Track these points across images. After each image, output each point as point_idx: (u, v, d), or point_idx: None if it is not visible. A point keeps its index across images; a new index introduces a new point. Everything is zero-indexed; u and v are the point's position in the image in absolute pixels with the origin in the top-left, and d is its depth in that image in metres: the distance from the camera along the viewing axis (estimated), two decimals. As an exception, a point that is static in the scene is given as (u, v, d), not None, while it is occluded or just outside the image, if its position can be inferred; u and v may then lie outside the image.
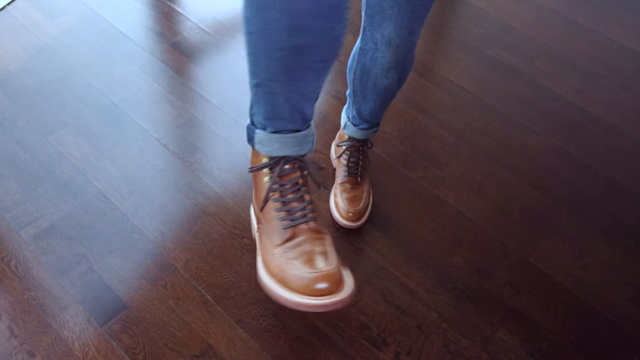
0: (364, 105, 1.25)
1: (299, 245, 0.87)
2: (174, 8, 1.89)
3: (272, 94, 0.84)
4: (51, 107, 1.57)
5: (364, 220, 1.35)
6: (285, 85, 0.82)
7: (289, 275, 0.83)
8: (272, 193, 0.91)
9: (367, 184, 1.39)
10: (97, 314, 1.20)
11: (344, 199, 1.34)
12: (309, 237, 0.87)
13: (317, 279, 0.81)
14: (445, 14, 1.97)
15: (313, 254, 0.85)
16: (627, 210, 1.45)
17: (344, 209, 1.33)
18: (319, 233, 0.90)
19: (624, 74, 1.79)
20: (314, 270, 0.82)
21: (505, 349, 1.20)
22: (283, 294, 0.84)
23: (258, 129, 0.91)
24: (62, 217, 1.35)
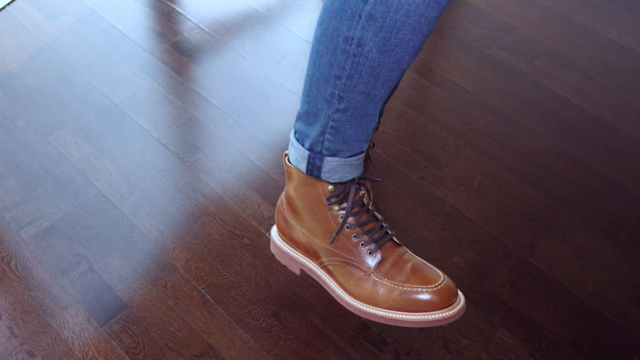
0: None
1: (397, 265, 0.82)
2: (174, 8, 1.89)
3: (362, 117, 0.76)
4: (51, 107, 1.57)
5: None
6: (379, 104, 0.76)
7: (411, 298, 0.79)
8: (349, 221, 0.84)
9: (368, 184, 1.39)
10: (97, 314, 1.20)
11: None
12: (396, 255, 0.83)
13: (440, 292, 0.79)
14: (445, 14, 1.97)
15: (419, 269, 0.81)
16: (627, 210, 1.45)
17: None
18: (400, 245, 0.85)
19: (624, 74, 1.79)
20: (431, 286, 0.80)
21: (505, 349, 1.20)
22: (411, 317, 0.80)
23: (328, 157, 0.81)
24: (62, 217, 1.35)
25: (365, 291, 0.83)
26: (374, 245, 0.83)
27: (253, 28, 1.85)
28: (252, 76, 1.70)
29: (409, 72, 1.75)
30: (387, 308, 0.81)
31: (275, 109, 1.61)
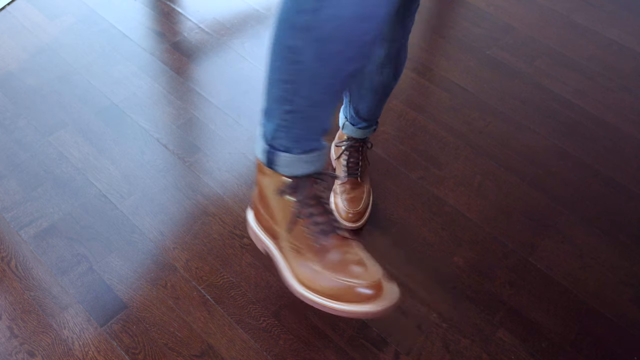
0: (361, 104, 1.25)
1: (335, 257, 0.87)
2: (174, 8, 1.89)
3: (309, 119, 0.82)
4: (51, 107, 1.57)
5: (364, 221, 1.35)
6: (327, 108, 0.80)
7: (335, 287, 0.84)
8: (300, 211, 0.90)
9: (367, 184, 1.39)
10: (97, 314, 1.20)
11: (344, 200, 1.34)
12: (342, 249, 0.88)
13: (363, 287, 0.82)
14: (445, 14, 1.97)
15: (358, 264, 0.85)
16: (627, 210, 1.45)
17: (344, 209, 1.33)
18: (348, 240, 0.90)
19: (624, 74, 1.79)
20: (358, 280, 0.83)
21: (505, 349, 1.20)
22: (333, 305, 0.85)
23: (281, 152, 0.87)
24: (62, 217, 1.35)
25: (308, 277, 0.88)
26: (321, 237, 0.88)
27: (253, 28, 1.85)
28: (252, 76, 1.70)
29: (409, 72, 1.75)
30: (324, 296, 0.86)
31: (275, 109, 1.61)
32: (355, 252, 0.87)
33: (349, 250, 0.87)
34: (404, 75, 1.74)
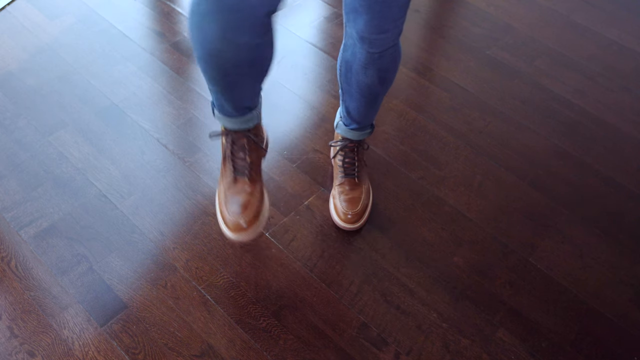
0: (351, 104, 1.26)
1: (235, 191, 1.14)
2: (174, 8, 1.89)
3: (215, 93, 1.06)
4: (51, 107, 1.57)
5: (363, 222, 1.35)
6: (224, 91, 1.04)
7: (224, 209, 1.14)
8: (227, 151, 1.17)
9: (366, 184, 1.39)
10: (97, 314, 1.20)
11: (342, 201, 1.34)
12: (241, 188, 1.14)
13: (232, 219, 1.11)
14: (445, 14, 1.97)
15: (238, 201, 1.12)
16: (627, 210, 1.45)
17: (343, 211, 1.33)
18: (252, 185, 1.15)
19: (624, 74, 1.79)
20: (233, 214, 1.11)
21: (505, 349, 1.20)
22: (218, 218, 1.15)
23: (215, 108, 1.14)
24: (62, 217, 1.35)
25: (219, 196, 1.18)
26: (232, 173, 1.16)
27: (253, 28, 1.85)
28: (252, 76, 1.70)
29: (409, 72, 1.75)
30: (218, 209, 1.16)
31: (275, 109, 1.61)
32: (247, 196, 1.13)
33: (244, 192, 1.14)
34: (404, 75, 1.74)
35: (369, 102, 1.24)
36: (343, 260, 1.31)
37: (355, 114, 1.28)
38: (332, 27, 1.87)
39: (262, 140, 1.22)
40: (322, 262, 1.31)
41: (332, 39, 1.83)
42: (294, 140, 1.54)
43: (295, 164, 1.48)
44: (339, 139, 1.39)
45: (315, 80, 1.70)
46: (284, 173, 1.46)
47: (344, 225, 1.33)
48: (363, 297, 1.26)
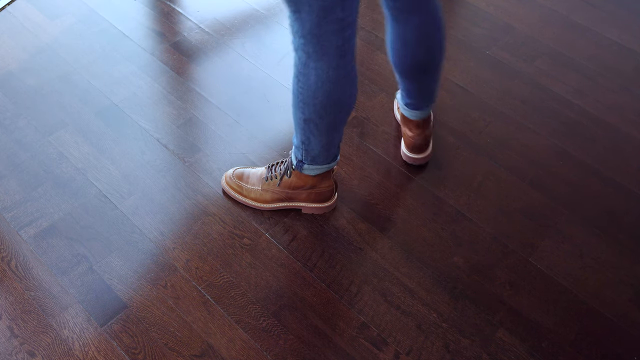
0: (406, 83, 1.37)
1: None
2: (174, 8, 1.89)
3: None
4: (51, 107, 1.57)
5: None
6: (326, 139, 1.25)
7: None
8: None
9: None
10: (97, 314, 1.20)
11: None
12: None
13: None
14: (446, 14, 1.97)
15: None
16: (627, 210, 1.45)
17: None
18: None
19: (624, 74, 1.79)
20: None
21: (505, 349, 1.20)
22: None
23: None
24: (62, 217, 1.35)
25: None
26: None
27: (253, 28, 1.85)
28: (252, 76, 1.70)
29: (409, 72, 1.75)
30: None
31: (275, 109, 1.61)
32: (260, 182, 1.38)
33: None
34: (404, 75, 1.74)
35: (420, 79, 1.38)
36: (343, 260, 1.31)
37: (410, 92, 1.41)
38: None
39: None
40: (322, 262, 1.31)
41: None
42: (294, 140, 1.54)
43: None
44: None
45: (315, 80, 1.70)
46: (284, 173, 1.46)
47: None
48: (363, 297, 1.26)
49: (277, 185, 1.35)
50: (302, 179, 1.33)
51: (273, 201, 1.37)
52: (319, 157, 1.27)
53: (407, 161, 1.49)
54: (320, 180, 1.34)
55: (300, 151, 1.27)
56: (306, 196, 1.36)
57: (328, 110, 1.15)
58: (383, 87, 1.69)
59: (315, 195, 1.35)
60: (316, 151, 1.25)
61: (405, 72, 1.33)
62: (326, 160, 1.28)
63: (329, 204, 1.39)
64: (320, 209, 1.39)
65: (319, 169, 1.30)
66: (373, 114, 1.62)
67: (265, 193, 1.37)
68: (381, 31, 1.86)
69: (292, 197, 1.36)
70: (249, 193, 1.38)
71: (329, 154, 1.27)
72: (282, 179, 1.34)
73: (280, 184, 1.34)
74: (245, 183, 1.39)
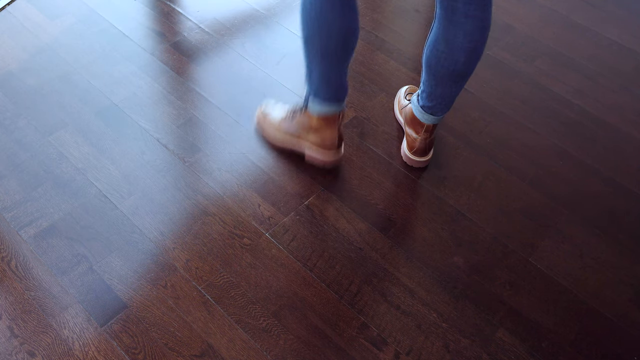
0: (430, 88, 1.35)
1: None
2: (174, 8, 1.89)
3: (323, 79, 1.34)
4: (51, 107, 1.57)
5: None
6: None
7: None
8: None
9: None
10: (97, 314, 1.20)
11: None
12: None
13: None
14: (445, 14, 1.97)
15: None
16: (627, 210, 1.45)
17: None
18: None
19: (624, 74, 1.79)
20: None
21: (505, 349, 1.20)
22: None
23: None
24: (62, 217, 1.35)
25: None
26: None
27: (253, 28, 1.85)
28: (252, 76, 1.70)
29: (409, 72, 1.75)
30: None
31: (275, 109, 1.61)
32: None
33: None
34: (404, 75, 1.74)
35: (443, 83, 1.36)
36: (343, 260, 1.31)
37: (432, 95, 1.38)
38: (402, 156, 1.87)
39: None
40: (322, 262, 1.31)
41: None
42: (294, 140, 1.54)
43: (295, 164, 1.49)
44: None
45: (315, 80, 1.70)
46: (284, 173, 1.46)
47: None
48: (363, 297, 1.26)
49: (290, 122, 1.46)
50: (309, 119, 1.41)
51: (284, 139, 1.48)
52: (320, 90, 1.33)
53: (408, 163, 1.49)
54: (325, 125, 1.39)
55: (307, 82, 1.35)
56: (312, 139, 1.43)
57: (323, 32, 1.21)
58: (383, 87, 1.69)
59: (319, 141, 1.42)
60: (316, 82, 1.32)
61: (440, 77, 1.27)
62: (327, 96, 1.33)
63: (330, 152, 1.44)
64: (320, 158, 1.45)
65: (322, 106, 1.36)
66: (373, 114, 1.62)
67: (279, 130, 1.48)
68: (381, 31, 1.86)
69: (300, 136, 1.46)
70: (268, 127, 1.51)
71: (329, 90, 1.32)
72: (295, 116, 1.45)
73: (293, 121, 1.45)
74: (269, 119, 1.51)
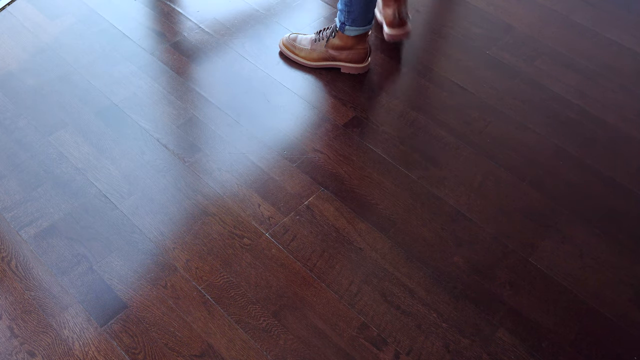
0: None
1: None
2: (174, 8, 1.89)
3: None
4: (51, 107, 1.57)
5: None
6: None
7: None
8: None
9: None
10: (97, 314, 1.20)
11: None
12: None
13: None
14: (445, 14, 1.97)
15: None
16: (627, 210, 1.45)
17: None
18: None
19: (624, 74, 1.79)
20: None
21: (505, 349, 1.20)
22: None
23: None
24: (62, 217, 1.35)
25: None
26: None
27: (253, 28, 1.85)
28: (252, 76, 1.70)
29: (409, 72, 1.75)
30: None
31: (275, 109, 1.61)
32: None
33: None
34: (404, 75, 1.74)
35: None
36: (343, 260, 1.31)
37: None
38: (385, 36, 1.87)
39: None
40: (322, 262, 1.31)
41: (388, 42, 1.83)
42: (294, 140, 1.54)
43: (295, 164, 1.49)
44: None
45: (316, 80, 1.70)
46: (284, 173, 1.46)
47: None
48: (363, 297, 1.26)
49: (323, 46, 1.67)
50: (343, 40, 1.64)
51: (319, 60, 1.69)
52: (358, 19, 1.56)
53: (390, 40, 1.78)
54: (358, 41, 1.64)
55: (343, 14, 1.57)
56: (345, 56, 1.66)
57: None
58: (383, 87, 1.69)
59: (353, 55, 1.66)
60: (356, 13, 1.55)
61: None
62: (364, 22, 1.58)
63: (364, 64, 1.69)
64: (356, 69, 1.69)
65: (358, 30, 1.59)
66: (373, 114, 1.62)
67: (312, 52, 1.69)
68: (381, 32, 1.86)
69: (334, 57, 1.68)
70: (299, 52, 1.71)
71: (367, 17, 1.57)
72: (328, 39, 1.66)
73: (326, 44, 1.66)
74: (298, 44, 1.71)
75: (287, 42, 1.73)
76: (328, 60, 1.69)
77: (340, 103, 1.64)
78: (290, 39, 1.73)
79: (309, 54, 1.69)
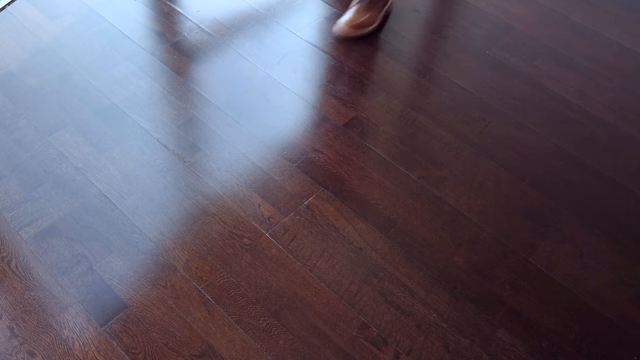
0: None
1: None
2: (174, 8, 1.89)
3: None
4: (51, 107, 1.57)
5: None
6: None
7: None
8: None
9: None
10: (97, 314, 1.20)
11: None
12: None
13: None
14: (445, 14, 1.97)
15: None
16: (627, 210, 1.45)
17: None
18: None
19: (624, 74, 1.79)
20: None
21: (505, 349, 1.20)
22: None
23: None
24: (62, 217, 1.35)
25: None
26: None
27: (253, 28, 1.85)
28: (252, 76, 1.70)
29: (409, 72, 1.75)
30: None
31: (275, 109, 1.61)
32: None
33: None
34: (404, 75, 1.74)
35: None
36: (343, 260, 1.31)
37: None
38: (332, 27, 1.87)
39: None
40: (322, 262, 1.31)
41: (332, 38, 1.83)
42: (294, 140, 1.54)
43: (295, 164, 1.49)
44: None
45: (315, 80, 1.70)
46: (284, 173, 1.46)
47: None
48: (363, 297, 1.26)
49: (380, 10, 1.82)
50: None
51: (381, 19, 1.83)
52: None
53: (337, 33, 1.82)
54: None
55: None
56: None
57: None
58: (383, 87, 1.69)
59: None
60: None
61: None
62: None
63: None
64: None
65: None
66: (373, 114, 1.62)
67: (380, 17, 1.83)
68: (381, 31, 1.86)
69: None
70: (367, 21, 1.80)
71: None
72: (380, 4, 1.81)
73: (382, 9, 1.82)
74: (362, 20, 1.80)
75: (350, 22, 1.79)
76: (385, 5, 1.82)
77: (340, 103, 1.64)
78: (350, 19, 1.79)
79: (372, 17, 1.80)
